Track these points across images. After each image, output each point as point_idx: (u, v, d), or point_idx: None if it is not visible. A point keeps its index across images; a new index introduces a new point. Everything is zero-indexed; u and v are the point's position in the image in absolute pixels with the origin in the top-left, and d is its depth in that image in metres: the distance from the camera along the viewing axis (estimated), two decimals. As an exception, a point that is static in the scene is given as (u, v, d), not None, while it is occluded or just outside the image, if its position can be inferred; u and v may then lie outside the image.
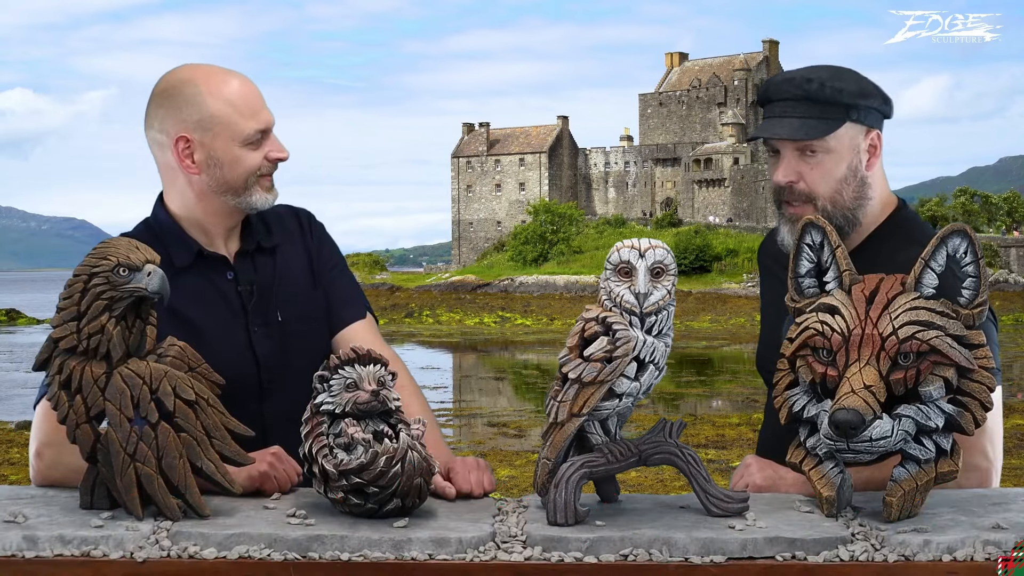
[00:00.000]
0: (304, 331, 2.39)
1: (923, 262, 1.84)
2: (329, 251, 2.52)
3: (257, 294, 2.39)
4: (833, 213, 2.28)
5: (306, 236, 2.50)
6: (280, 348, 2.37)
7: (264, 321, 2.38)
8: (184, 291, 2.27)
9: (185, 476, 1.81)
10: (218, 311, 2.36)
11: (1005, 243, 64.42)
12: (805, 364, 1.87)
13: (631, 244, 1.83)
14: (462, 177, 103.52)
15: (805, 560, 1.70)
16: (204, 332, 2.29)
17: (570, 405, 1.80)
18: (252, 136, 2.30)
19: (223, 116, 2.29)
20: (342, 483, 1.79)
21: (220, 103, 2.29)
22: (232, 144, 2.30)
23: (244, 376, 2.31)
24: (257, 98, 2.33)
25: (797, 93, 2.27)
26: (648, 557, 1.71)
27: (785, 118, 2.28)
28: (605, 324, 1.80)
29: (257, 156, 2.31)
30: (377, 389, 1.85)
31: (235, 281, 2.38)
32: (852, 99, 2.26)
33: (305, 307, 2.42)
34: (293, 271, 2.44)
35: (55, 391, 1.83)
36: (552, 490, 1.80)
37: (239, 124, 2.29)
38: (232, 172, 2.31)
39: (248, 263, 2.40)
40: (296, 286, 2.43)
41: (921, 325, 1.78)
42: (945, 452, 1.83)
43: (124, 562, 1.71)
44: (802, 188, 2.29)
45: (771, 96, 2.33)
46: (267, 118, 2.33)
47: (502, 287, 67.94)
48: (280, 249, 2.45)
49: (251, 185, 2.32)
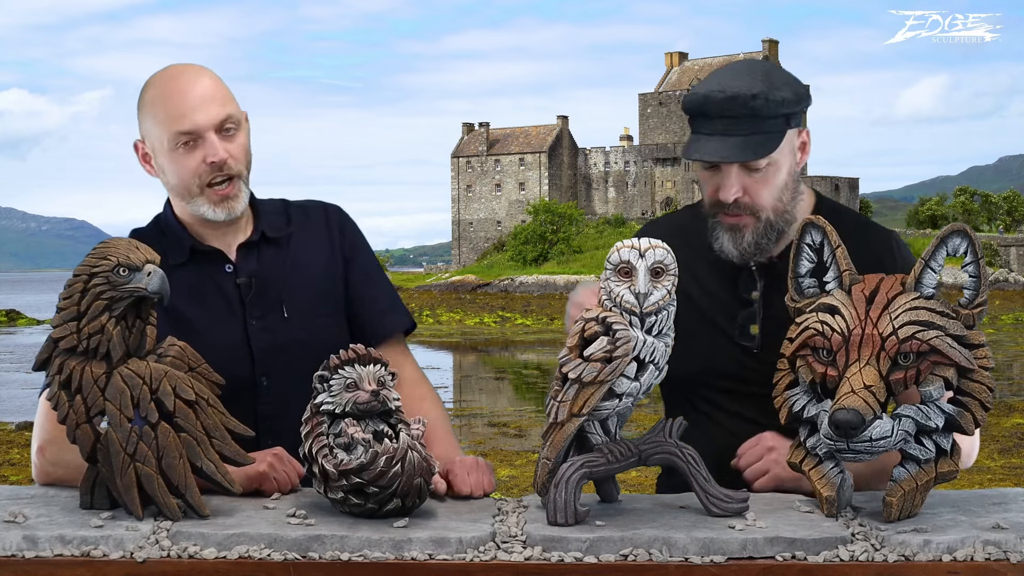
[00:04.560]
0: (312, 328, 2.32)
1: (923, 262, 1.84)
2: (367, 255, 2.46)
3: (258, 287, 2.34)
4: (775, 221, 2.27)
5: (333, 233, 2.43)
6: (281, 344, 2.31)
7: (264, 315, 2.33)
8: (180, 287, 2.24)
9: (185, 476, 1.81)
10: (214, 305, 2.32)
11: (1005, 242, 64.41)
12: (805, 364, 1.87)
13: (631, 244, 1.83)
14: (462, 177, 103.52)
15: (805, 560, 1.70)
16: (197, 327, 2.27)
17: (570, 405, 1.80)
18: (176, 139, 2.23)
19: (152, 120, 2.27)
20: (342, 483, 1.79)
21: (151, 107, 2.28)
22: (162, 147, 2.27)
23: (237, 371, 2.23)
24: (188, 99, 2.24)
25: (742, 111, 2.19)
26: (648, 557, 1.71)
27: (730, 136, 2.20)
28: (605, 324, 1.80)
29: (191, 160, 2.24)
30: (377, 389, 1.85)
31: (234, 274, 2.34)
32: (791, 108, 2.23)
33: (317, 303, 2.36)
34: (308, 265, 2.38)
35: (55, 391, 1.83)
36: (552, 490, 1.80)
37: (163, 128, 2.25)
38: (172, 177, 2.29)
39: (252, 255, 2.36)
40: (309, 281, 2.37)
41: (921, 325, 1.78)
42: (945, 452, 1.83)
43: (124, 562, 1.71)
44: (747, 202, 2.24)
45: (709, 112, 2.22)
46: (196, 120, 2.22)
47: (502, 287, 67.96)
48: (294, 241, 2.39)
49: (195, 194, 2.27)
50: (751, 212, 2.26)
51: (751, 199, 2.25)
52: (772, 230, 2.28)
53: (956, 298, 1.85)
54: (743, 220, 2.26)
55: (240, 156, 2.29)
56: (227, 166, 2.25)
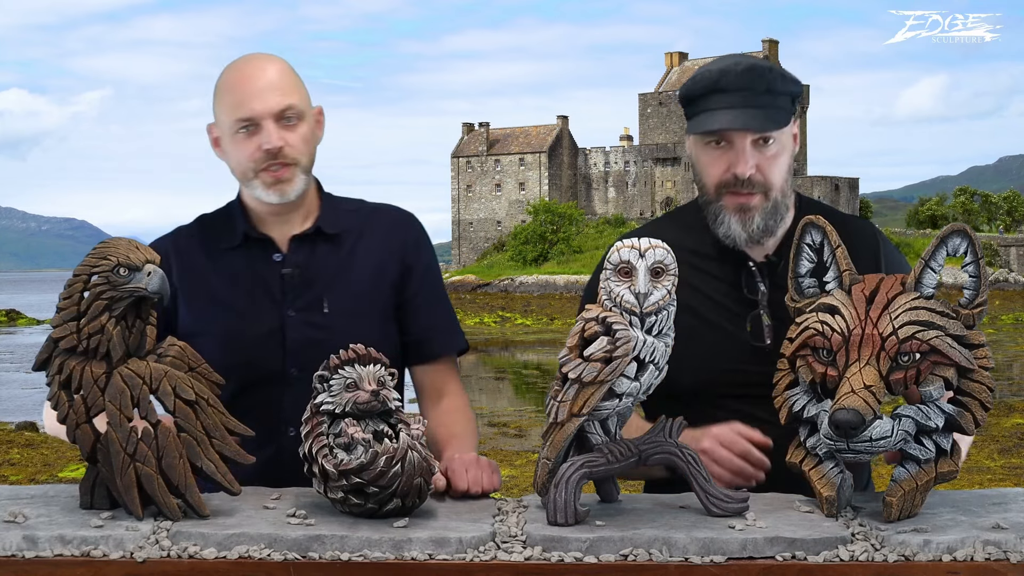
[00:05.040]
0: (351, 328, 2.29)
1: (923, 262, 1.84)
2: (428, 271, 2.47)
3: (302, 279, 2.37)
4: (780, 203, 2.28)
5: (398, 240, 2.44)
6: (316, 339, 2.31)
7: (304, 308, 2.35)
8: (226, 270, 2.35)
9: (185, 476, 1.81)
10: (255, 292, 2.36)
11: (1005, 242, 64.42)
12: (805, 364, 1.87)
13: (631, 244, 1.83)
14: (462, 177, 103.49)
15: (805, 560, 1.70)
16: (235, 311, 2.33)
17: (570, 405, 1.80)
18: (235, 125, 2.30)
19: (220, 106, 2.35)
20: (342, 483, 1.79)
21: (220, 93, 2.36)
22: (227, 133, 2.34)
23: (268, 360, 2.31)
24: (250, 86, 2.30)
25: (760, 85, 2.24)
26: (648, 557, 1.71)
27: (749, 108, 2.23)
28: (605, 324, 1.80)
29: (249, 146, 2.30)
30: (377, 389, 1.85)
31: (282, 263, 2.37)
32: (796, 89, 2.30)
33: (361, 303, 2.37)
34: (361, 266, 2.40)
35: (55, 391, 1.83)
36: (552, 490, 1.80)
37: (226, 114, 2.33)
38: (232, 161, 2.36)
39: (304, 247, 2.39)
40: (358, 281, 2.39)
41: (921, 325, 1.78)
42: (945, 452, 1.83)
43: (124, 562, 1.71)
44: (759, 179, 2.26)
45: (726, 86, 2.25)
46: (254, 107, 2.28)
47: (502, 287, 67.96)
48: (354, 240, 2.41)
49: (250, 178, 2.33)
50: (762, 190, 2.27)
51: (763, 176, 2.26)
52: (777, 212, 2.29)
53: (956, 298, 1.85)
54: (752, 200, 2.26)
55: (299, 145, 2.33)
56: (282, 154, 2.30)
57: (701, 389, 2.30)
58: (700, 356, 2.26)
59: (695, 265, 2.32)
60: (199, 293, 2.37)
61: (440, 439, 2.32)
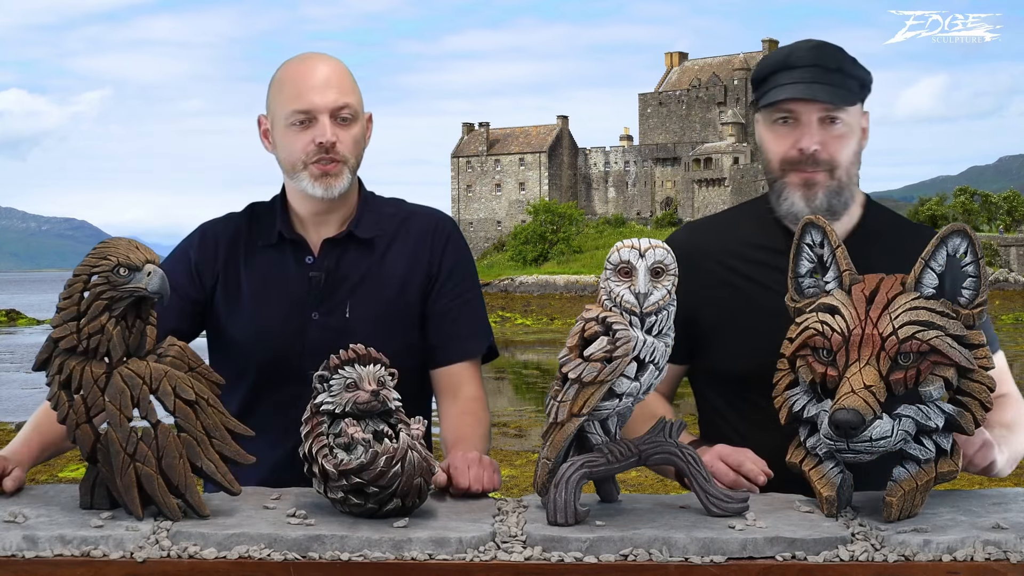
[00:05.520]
0: (371, 333, 2.28)
1: (923, 262, 1.83)
2: (462, 277, 2.46)
3: (329, 283, 2.39)
4: (845, 185, 2.27)
5: (430, 245, 2.45)
6: (336, 344, 2.33)
7: (328, 312, 2.38)
8: (259, 267, 2.40)
9: (185, 476, 1.81)
10: (283, 291, 2.39)
11: (1005, 242, 64.42)
12: (805, 364, 1.87)
13: (631, 244, 1.83)
14: (462, 177, 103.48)
15: (805, 560, 1.70)
16: (261, 307, 2.37)
17: (570, 405, 1.80)
18: (291, 116, 2.33)
19: (277, 95, 2.38)
20: (342, 483, 1.79)
21: (278, 84, 2.39)
22: (279, 123, 2.37)
23: (287, 360, 2.34)
24: (310, 80, 2.33)
25: (829, 62, 2.24)
26: (648, 557, 1.71)
27: (817, 83, 2.23)
28: (605, 324, 1.79)
29: (302, 139, 2.33)
30: (377, 389, 1.85)
31: (312, 266, 2.40)
32: (867, 77, 2.29)
33: (383, 311, 2.39)
34: (389, 271, 2.41)
35: (55, 391, 1.83)
36: (552, 490, 1.80)
37: (281, 105, 2.35)
38: (282, 152, 2.39)
39: (335, 251, 2.41)
40: (385, 286, 2.40)
41: (921, 325, 1.78)
42: (945, 452, 1.83)
43: (124, 562, 1.71)
44: (825, 157, 2.25)
45: (795, 63, 2.26)
46: (312, 100, 2.32)
47: (502, 287, 67.94)
48: (386, 244, 2.42)
49: (299, 170, 2.35)
50: (828, 167, 2.26)
51: (829, 154, 2.25)
52: (841, 194, 2.27)
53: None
54: (816, 177, 2.26)
55: (350, 144, 2.36)
56: (334, 150, 2.33)
57: (748, 376, 2.30)
58: (750, 344, 2.28)
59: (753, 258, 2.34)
60: (233, 285, 2.42)
61: (448, 441, 2.33)
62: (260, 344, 2.36)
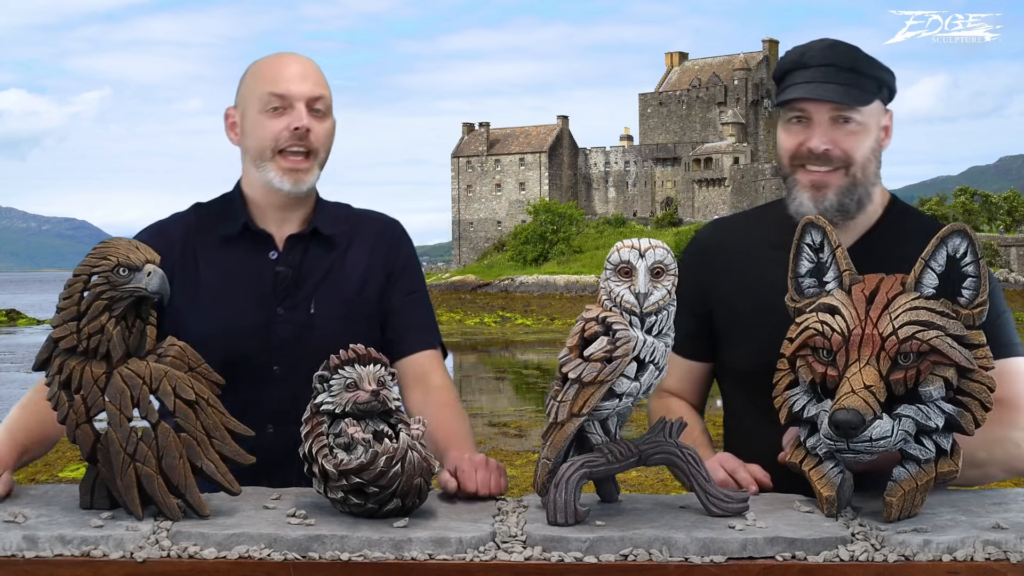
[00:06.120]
0: (335, 330, 2.33)
1: (923, 262, 1.83)
2: (413, 275, 2.50)
3: (294, 279, 2.38)
4: (861, 182, 2.25)
5: (384, 247, 2.47)
6: (301, 339, 2.35)
7: (292, 307, 2.37)
8: (222, 262, 2.36)
9: (185, 476, 1.81)
10: (248, 286, 2.37)
11: (1005, 242, 64.41)
12: (805, 364, 1.87)
13: (631, 244, 1.83)
14: (462, 177, 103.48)
15: (805, 560, 1.70)
16: (225, 303, 2.34)
17: (570, 405, 1.80)
18: (267, 100, 2.32)
19: (251, 83, 2.38)
20: (342, 483, 1.79)
21: (252, 75, 2.39)
22: (252, 109, 2.36)
23: (252, 355, 2.32)
24: (286, 71, 2.34)
25: (844, 61, 2.23)
26: (648, 557, 1.71)
27: (828, 83, 2.22)
28: (605, 324, 1.80)
29: (276, 124, 2.33)
30: (377, 389, 1.85)
31: (277, 261, 2.39)
32: (885, 75, 2.26)
33: (346, 308, 2.40)
34: (349, 269, 2.43)
35: (55, 391, 1.83)
36: (552, 490, 1.80)
37: (257, 87, 2.35)
38: (252, 139, 2.37)
39: (299, 247, 2.41)
40: (345, 284, 2.41)
41: (921, 325, 1.78)
42: (945, 452, 1.83)
43: (124, 562, 1.71)
44: (838, 154, 2.23)
45: (808, 62, 2.26)
46: (289, 87, 2.32)
47: (502, 287, 67.95)
48: (341, 242, 2.44)
49: (267, 159, 2.34)
50: (841, 165, 2.24)
51: (841, 151, 2.24)
52: (854, 192, 2.25)
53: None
54: (828, 178, 2.24)
55: (322, 137, 2.37)
56: (308, 139, 2.33)
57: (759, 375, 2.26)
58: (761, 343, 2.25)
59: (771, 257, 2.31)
60: (192, 282, 2.39)
61: (438, 439, 2.31)
62: (225, 341, 2.30)
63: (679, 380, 2.43)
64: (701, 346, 2.42)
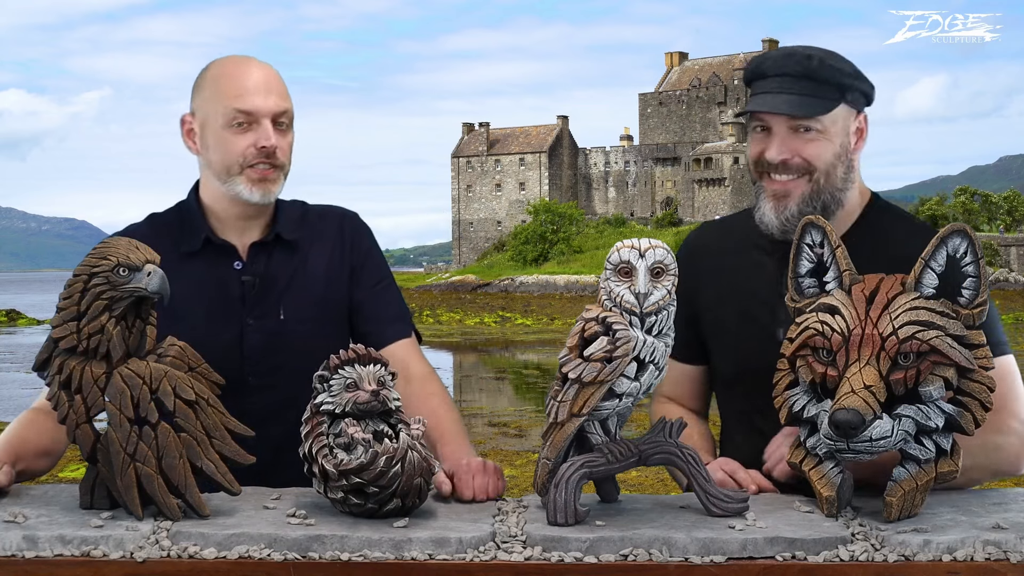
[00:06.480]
0: (306, 333, 2.33)
1: (923, 262, 1.83)
2: (375, 265, 2.47)
3: (261, 288, 2.35)
4: (824, 188, 2.23)
5: (344, 241, 2.45)
6: (273, 346, 2.33)
7: (262, 315, 2.35)
8: (186, 276, 2.27)
9: (185, 476, 1.81)
10: (215, 299, 2.34)
11: (1005, 242, 64.42)
12: (805, 364, 1.87)
13: (631, 244, 1.83)
14: (462, 177, 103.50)
15: (805, 560, 1.70)
16: (193, 318, 2.28)
17: (570, 405, 1.80)
18: (233, 116, 2.27)
19: (211, 93, 2.31)
20: (342, 483, 1.79)
21: (212, 82, 2.32)
22: (215, 122, 2.30)
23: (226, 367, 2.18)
24: (248, 82, 2.28)
25: (797, 70, 2.22)
26: (648, 557, 1.71)
27: (783, 94, 2.21)
28: (605, 324, 1.80)
29: (242, 141, 2.28)
30: (377, 389, 1.85)
31: (242, 271, 2.36)
32: (848, 80, 2.23)
33: (314, 310, 2.38)
34: (313, 271, 2.40)
35: (55, 391, 1.83)
36: (552, 490, 1.80)
37: (219, 104, 2.29)
38: (216, 155, 2.31)
39: (263, 255, 2.38)
40: (311, 285, 2.39)
41: (921, 325, 1.78)
42: (945, 452, 1.83)
43: (124, 562, 1.71)
44: (798, 162, 2.22)
45: (766, 71, 2.26)
46: (255, 103, 2.27)
47: (502, 287, 67.96)
48: (303, 245, 2.41)
49: (234, 173, 2.30)
50: (804, 172, 2.23)
51: (802, 158, 2.23)
52: (818, 199, 2.24)
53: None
54: (789, 186, 2.23)
55: (287, 151, 2.34)
56: (275, 156, 2.30)
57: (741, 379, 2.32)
58: (736, 347, 2.30)
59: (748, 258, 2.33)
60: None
61: (432, 438, 2.29)
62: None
63: (675, 385, 2.43)
64: (694, 350, 2.42)
